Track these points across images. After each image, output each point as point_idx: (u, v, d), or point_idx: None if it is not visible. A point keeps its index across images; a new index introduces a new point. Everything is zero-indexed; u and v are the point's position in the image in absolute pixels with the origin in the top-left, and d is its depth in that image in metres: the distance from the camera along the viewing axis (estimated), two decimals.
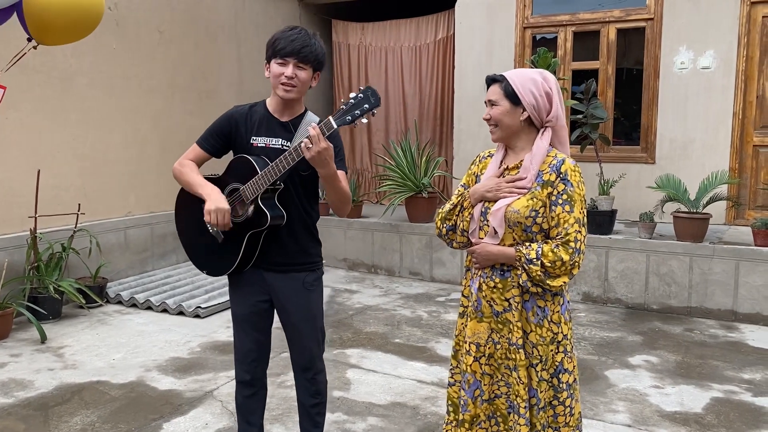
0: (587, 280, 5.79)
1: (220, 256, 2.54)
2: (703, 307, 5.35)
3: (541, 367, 2.21)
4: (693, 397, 3.77)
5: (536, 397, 2.21)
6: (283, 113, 2.50)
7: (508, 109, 2.21)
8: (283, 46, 2.35)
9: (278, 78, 2.38)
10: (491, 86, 2.26)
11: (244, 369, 2.65)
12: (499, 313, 2.24)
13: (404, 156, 6.73)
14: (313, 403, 2.68)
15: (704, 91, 6.14)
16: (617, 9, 6.53)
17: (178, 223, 2.71)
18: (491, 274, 2.25)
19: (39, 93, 5.27)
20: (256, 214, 2.42)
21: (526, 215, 2.15)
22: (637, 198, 6.33)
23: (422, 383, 3.94)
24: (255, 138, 2.48)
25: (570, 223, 2.12)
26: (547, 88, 2.20)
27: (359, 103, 2.22)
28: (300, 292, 2.56)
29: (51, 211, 5.28)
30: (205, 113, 6.79)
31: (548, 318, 2.21)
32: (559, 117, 2.22)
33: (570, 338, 2.26)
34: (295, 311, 2.57)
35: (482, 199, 2.27)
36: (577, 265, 2.12)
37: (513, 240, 2.20)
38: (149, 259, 6.33)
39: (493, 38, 7.02)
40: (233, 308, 2.66)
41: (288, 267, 2.54)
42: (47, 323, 4.90)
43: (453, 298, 5.93)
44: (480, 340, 2.29)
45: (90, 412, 3.52)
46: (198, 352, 4.47)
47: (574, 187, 2.15)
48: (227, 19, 7.07)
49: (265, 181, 2.36)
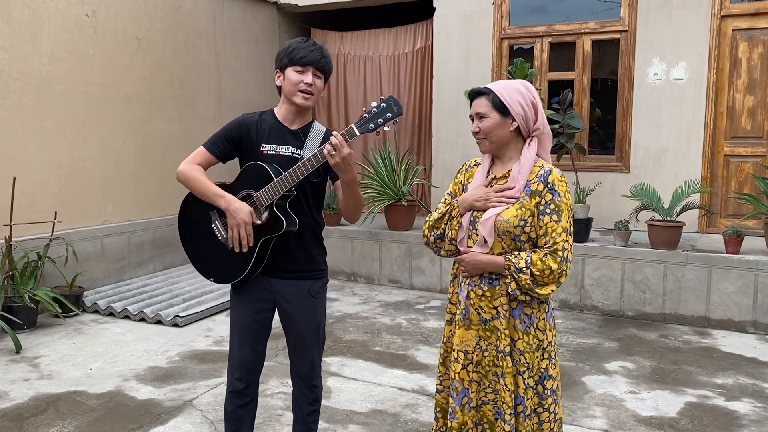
0: (564, 287, 5.86)
1: (230, 263, 2.51)
2: (676, 314, 5.45)
3: (528, 375, 2.24)
4: (668, 402, 3.84)
5: (523, 405, 2.23)
6: (293, 122, 2.54)
7: (498, 121, 2.23)
8: (304, 54, 2.43)
9: (297, 85, 2.44)
10: (477, 99, 2.27)
11: (239, 378, 2.62)
12: (487, 321, 2.27)
13: (383, 164, 6.77)
14: (310, 411, 2.69)
15: (677, 101, 6.28)
16: (592, 21, 6.66)
17: (183, 228, 2.64)
18: (479, 282, 2.28)
19: (15, 100, 5.21)
20: (271, 221, 2.43)
21: (516, 224, 2.19)
22: (612, 206, 6.43)
23: (403, 390, 3.96)
24: (265, 145, 2.49)
25: (558, 232, 2.16)
26: (531, 97, 2.24)
27: (382, 112, 2.31)
28: (306, 299, 2.58)
29: (26, 219, 5.21)
30: (183, 121, 6.76)
31: (534, 325, 2.24)
32: (545, 125, 2.27)
33: (554, 345, 2.31)
34: (301, 319, 2.58)
35: (471, 209, 2.29)
36: (565, 273, 2.17)
37: (502, 249, 2.23)
38: (126, 268, 6.27)
39: (471, 48, 7.10)
40: (235, 315, 2.63)
41: (295, 274, 2.56)
42: (22, 333, 4.83)
43: (432, 306, 5.97)
44: (468, 348, 2.31)
45: (67, 422, 3.47)
46: (177, 361, 4.44)
47: (561, 196, 2.19)
48: (206, 27, 7.06)
49: (281, 187, 2.38)
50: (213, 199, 2.44)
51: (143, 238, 6.40)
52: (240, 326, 2.60)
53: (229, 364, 2.65)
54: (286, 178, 2.37)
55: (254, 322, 2.59)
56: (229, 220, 2.40)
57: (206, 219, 2.53)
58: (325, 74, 2.50)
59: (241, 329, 2.60)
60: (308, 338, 2.61)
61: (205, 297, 5.73)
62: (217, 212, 2.49)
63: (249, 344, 2.60)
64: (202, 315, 5.41)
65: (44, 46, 5.42)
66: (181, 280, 6.25)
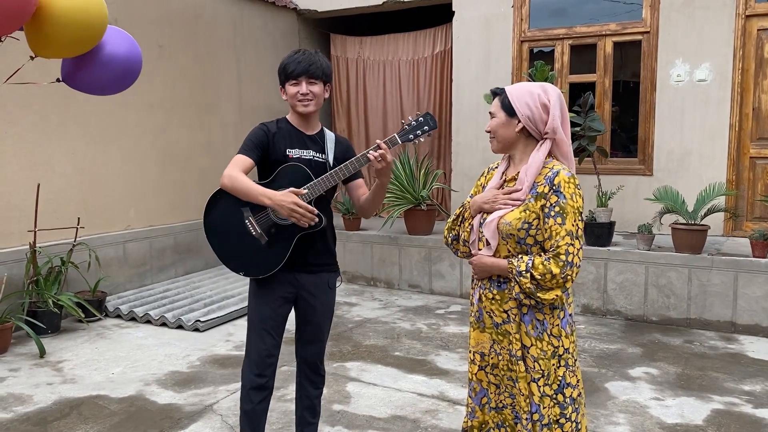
0: (586, 292, 5.79)
1: (264, 257, 2.64)
2: (702, 319, 5.35)
3: (543, 382, 2.20)
4: (693, 409, 3.76)
5: (539, 413, 2.19)
6: (307, 128, 2.75)
7: (504, 121, 2.25)
8: (294, 68, 2.63)
9: (295, 97, 2.66)
10: (494, 99, 2.32)
11: (259, 373, 2.73)
12: (499, 325, 2.25)
13: (403, 169, 6.76)
14: (316, 395, 2.89)
15: (701, 103, 6.18)
16: (613, 23, 6.58)
17: (210, 224, 2.72)
18: (489, 285, 2.27)
19: (38, 108, 5.29)
20: None
21: (518, 227, 2.16)
22: (635, 210, 6.35)
23: (422, 396, 3.93)
24: (290, 150, 2.68)
25: (561, 235, 2.11)
26: (544, 100, 2.20)
27: (420, 125, 2.63)
28: (326, 291, 2.79)
29: (50, 225, 5.28)
30: (204, 127, 6.82)
31: (548, 331, 2.20)
32: (557, 129, 2.20)
33: (572, 352, 2.25)
34: (321, 310, 2.79)
35: (480, 210, 2.29)
36: (570, 278, 2.11)
37: (508, 252, 2.22)
38: (148, 273, 6.33)
39: (491, 52, 7.07)
40: (257, 311, 2.74)
41: (318, 267, 2.75)
42: (46, 337, 4.89)
43: (452, 311, 5.93)
44: (483, 350, 2.32)
45: (89, 426, 3.50)
46: (197, 365, 4.46)
47: (567, 199, 2.13)
48: (226, 34, 7.12)
49: (324, 186, 2.60)
50: (259, 199, 2.54)
51: (165, 243, 6.46)
52: (261, 321, 2.73)
53: (247, 363, 2.76)
54: (330, 178, 2.59)
55: (277, 316, 2.74)
56: (282, 211, 2.51)
57: (238, 215, 2.65)
58: (319, 79, 2.67)
59: (261, 324, 2.72)
60: (324, 328, 2.83)
61: (225, 302, 5.76)
62: (250, 208, 2.64)
63: (268, 339, 2.73)
64: (222, 320, 5.44)
65: None
66: (202, 285, 6.29)
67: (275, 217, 2.61)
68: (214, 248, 2.73)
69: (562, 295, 2.15)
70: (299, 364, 2.88)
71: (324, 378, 2.91)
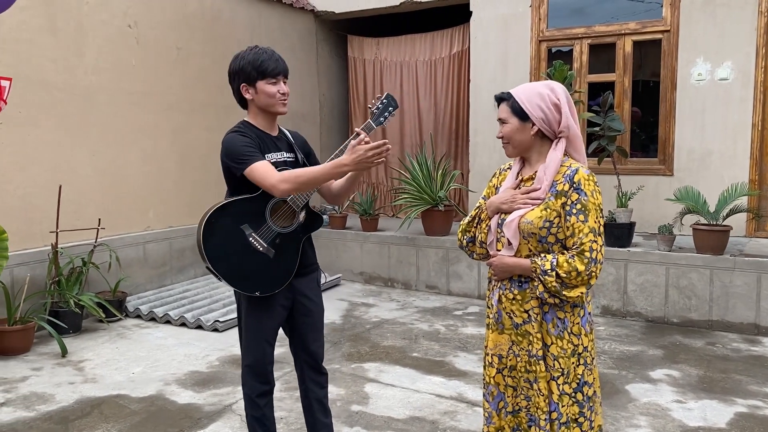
0: (606, 293, 5.74)
1: (275, 270, 2.59)
2: (724, 321, 5.28)
3: (562, 380, 2.19)
4: (716, 412, 3.71)
5: (557, 412, 2.19)
6: (272, 129, 2.70)
7: (518, 126, 2.23)
8: (274, 66, 2.55)
9: (275, 97, 2.58)
10: (500, 105, 2.29)
11: (265, 380, 2.73)
12: (519, 325, 2.24)
13: (420, 169, 6.75)
14: (324, 394, 2.86)
15: (722, 102, 6.10)
16: (633, 21, 6.52)
17: (212, 252, 2.53)
18: (510, 285, 2.26)
19: (61, 110, 5.36)
20: (309, 219, 2.66)
21: (540, 226, 2.16)
22: (655, 210, 6.28)
23: (441, 397, 3.92)
24: (268, 155, 2.58)
25: (585, 232, 2.11)
26: (554, 99, 2.20)
27: (386, 107, 2.62)
28: (316, 290, 2.79)
29: (72, 226, 5.34)
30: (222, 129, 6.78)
31: (568, 330, 2.20)
32: (571, 126, 2.21)
33: (591, 350, 2.25)
34: (317, 310, 2.78)
35: (498, 211, 2.29)
36: (594, 275, 2.11)
37: (529, 251, 2.21)
38: (168, 274, 6.38)
39: (508, 52, 7.04)
40: (260, 322, 2.66)
41: (308, 268, 2.74)
42: (68, 337, 4.95)
43: (470, 312, 5.91)
44: (502, 352, 2.30)
45: (110, 425, 3.54)
46: (216, 365, 4.48)
47: (588, 196, 2.14)
48: (244, 36, 7.15)
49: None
50: (336, 172, 2.40)
51: (184, 244, 6.50)
52: (261, 331, 2.68)
53: (248, 371, 2.72)
54: None
55: (275, 327, 2.72)
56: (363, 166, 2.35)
57: (239, 235, 2.54)
58: (287, 78, 2.64)
59: (262, 335, 2.68)
60: (319, 326, 2.81)
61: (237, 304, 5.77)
62: (249, 225, 2.53)
63: (268, 348, 2.72)
64: None
65: (88, 57, 5.56)
66: (221, 286, 6.32)
67: (276, 226, 2.56)
68: (222, 275, 2.53)
69: (585, 293, 2.14)
70: (301, 368, 2.81)
71: (327, 376, 2.87)
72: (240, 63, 2.58)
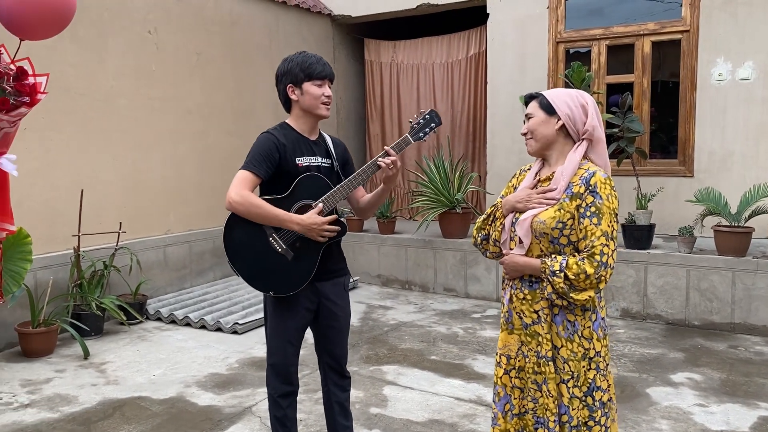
0: (626, 295, 5.70)
1: (292, 273, 2.61)
2: (747, 324, 5.21)
3: (572, 384, 2.19)
4: (740, 416, 3.67)
5: (567, 415, 2.18)
6: (311, 133, 2.72)
7: (543, 119, 2.25)
8: (321, 69, 2.62)
9: (319, 98, 2.63)
10: (530, 103, 2.32)
11: (287, 381, 2.76)
12: (528, 326, 2.24)
13: (437, 172, 6.74)
14: (345, 397, 2.87)
15: (743, 102, 6.03)
16: (651, 22, 6.47)
17: (233, 250, 2.63)
18: (520, 285, 2.27)
19: (82, 115, 5.43)
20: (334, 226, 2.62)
21: (552, 226, 2.16)
22: (675, 212, 6.22)
23: (460, 400, 3.92)
24: (299, 159, 2.64)
25: (597, 235, 2.10)
26: (582, 101, 2.24)
27: (428, 122, 2.70)
28: (343, 295, 2.80)
29: (93, 229, 5.41)
30: (242, 133, 6.91)
31: (579, 333, 2.19)
32: (596, 128, 2.23)
33: (604, 356, 2.24)
34: (342, 315, 2.79)
35: (513, 210, 2.29)
36: (604, 279, 2.10)
37: (540, 251, 2.21)
38: (188, 277, 6.43)
39: (526, 54, 7.01)
40: (283, 324, 2.70)
41: (334, 273, 2.75)
42: (90, 339, 5.01)
43: (489, 315, 5.89)
44: (510, 353, 2.30)
45: (132, 427, 3.57)
46: (236, 368, 4.51)
47: (603, 199, 2.13)
48: (262, 41, 7.21)
49: (342, 194, 2.60)
50: (285, 225, 2.53)
51: (203, 247, 6.56)
52: (287, 335, 2.71)
53: (271, 371, 2.76)
54: (346, 186, 2.59)
55: (303, 326, 2.75)
56: (309, 234, 2.53)
57: (260, 234, 2.58)
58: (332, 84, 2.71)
59: (286, 336, 2.71)
60: (344, 330, 2.82)
61: (263, 305, 5.81)
62: (272, 226, 2.57)
63: (291, 349, 2.74)
64: (260, 322, 5.49)
65: (109, 63, 5.63)
66: (240, 288, 6.36)
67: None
68: (239, 271, 2.63)
69: (594, 297, 2.14)
70: (325, 371, 2.85)
71: (350, 379, 2.90)
72: (288, 65, 2.65)
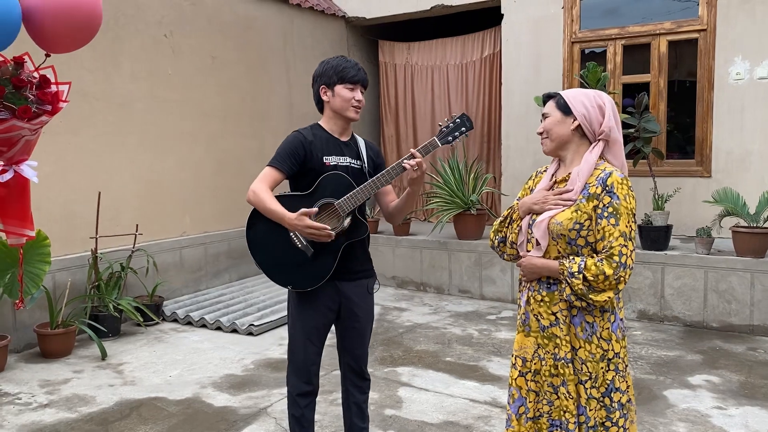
0: (643, 297, 5.65)
1: (311, 269, 2.64)
2: (766, 325, 5.14)
3: (590, 384, 2.18)
4: (759, 420, 3.62)
5: (585, 415, 2.17)
6: (342, 134, 2.76)
7: (559, 118, 2.25)
8: (354, 73, 2.67)
9: (349, 102, 2.68)
10: (547, 102, 2.32)
11: (306, 380, 2.77)
12: (546, 328, 2.23)
13: (452, 173, 6.73)
14: (363, 399, 2.89)
15: (762, 101, 5.96)
16: (668, 21, 6.42)
17: (254, 240, 2.69)
18: (538, 287, 2.26)
19: (99, 119, 5.49)
20: (354, 226, 2.65)
21: (570, 228, 2.14)
22: (692, 213, 6.16)
23: (475, 402, 3.90)
24: (327, 157, 2.68)
25: (615, 236, 2.09)
26: (600, 102, 2.23)
27: (458, 126, 2.68)
28: (366, 297, 2.81)
29: (110, 232, 5.47)
30: (257, 135, 6.95)
31: (597, 334, 2.18)
32: (612, 129, 2.22)
33: (623, 357, 2.22)
34: (363, 316, 2.80)
35: (530, 212, 2.29)
36: (623, 280, 2.09)
37: (558, 253, 2.20)
38: (203, 278, 6.47)
39: (541, 54, 6.98)
40: (304, 321, 2.73)
41: (358, 274, 2.77)
42: (107, 341, 5.06)
43: (504, 316, 5.87)
44: (526, 355, 2.29)
45: (149, 427, 3.60)
46: (252, 369, 4.53)
47: (620, 200, 2.12)
48: (276, 43, 7.24)
49: (364, 194, 2.61)
50: (280, 221, 2.57)
51: (219, 249, 6.60)
52: (307, 332, 2.74)
53: (292, 370, 2.79)
54: (366, 189, 2.60)
55: (324, 326, 2.76)
56: (300, 233, 2.57)
57: (281, 230, 2.62)
58: (365, 90, 2.75)
59: (308, 335, 2.74)
60: (367, 333, 2.84)
61: (278, 306, 5.84)
62: None
63: (312, 348, 2.75)
64: (275, 324, 5.52)
65: (125, 67, 5.69)
66: (255, 290, 6.40)
67: None
68: (259, 263, 2.70)
69: (613, 298, 2.12)
70: (344, 371, 2.88)
71: (369, 381, 2.92)
72: (324, 67, 2.72)
